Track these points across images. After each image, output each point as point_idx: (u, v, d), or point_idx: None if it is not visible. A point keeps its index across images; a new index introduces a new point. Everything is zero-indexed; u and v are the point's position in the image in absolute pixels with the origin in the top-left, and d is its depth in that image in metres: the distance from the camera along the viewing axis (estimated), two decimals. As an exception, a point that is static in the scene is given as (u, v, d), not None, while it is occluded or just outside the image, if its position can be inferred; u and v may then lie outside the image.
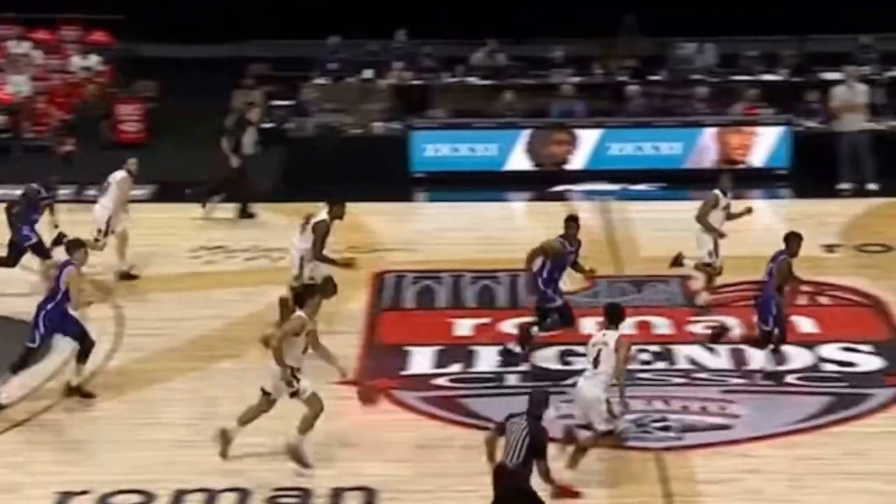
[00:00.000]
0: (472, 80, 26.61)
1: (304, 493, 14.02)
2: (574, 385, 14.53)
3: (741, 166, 24.38)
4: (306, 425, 14.34)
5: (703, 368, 16.82)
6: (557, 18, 27.90)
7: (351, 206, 19.13)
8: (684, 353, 17.16)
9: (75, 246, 16.21)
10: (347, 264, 17.42)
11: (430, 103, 26.06)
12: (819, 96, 25.17)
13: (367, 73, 26.60)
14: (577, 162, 24.69)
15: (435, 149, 24.71)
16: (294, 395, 14.34)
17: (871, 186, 23.46)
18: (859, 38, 26.62)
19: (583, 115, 25.27)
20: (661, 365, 16.92)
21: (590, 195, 23.66)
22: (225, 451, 14.51)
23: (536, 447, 12.75)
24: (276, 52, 27.80)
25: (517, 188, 24.34)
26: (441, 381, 16.61)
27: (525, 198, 24.25)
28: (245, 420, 14.56)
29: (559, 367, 16.89)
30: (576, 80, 26.24)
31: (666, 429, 15.31)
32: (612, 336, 14.21)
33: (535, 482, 12.92)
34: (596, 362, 14.14)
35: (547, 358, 17.13)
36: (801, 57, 26.65)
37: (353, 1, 29.43)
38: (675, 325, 18.05)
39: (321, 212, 17.38)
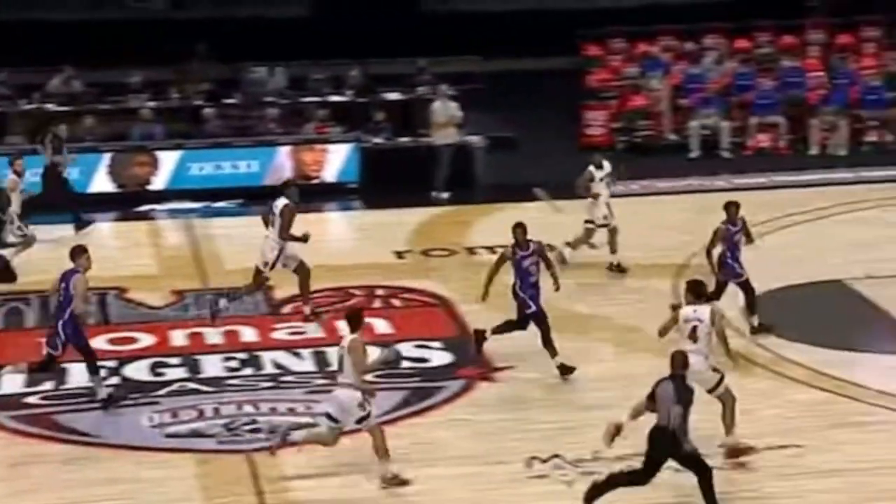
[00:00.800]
0: (49, 106, 25.84)
1: None
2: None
3: (315, 181, 24.71)
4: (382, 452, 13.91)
5: (289, 372, 16.93)
6: (132, 46, 27.55)
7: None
8: (270, 359, 17.23)
9: (78, 252, 15.68)
10: (305, 238, 17.94)
11: (9, 130, 25.21)
12: (384, 115, 25.79)
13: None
14: (159, 182, 24.45)
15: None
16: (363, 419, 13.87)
17: (443, 195, 24.21)
18: (416, 60, 27.36)
19: (162, 138, 25.05)
20: (248, 371, 16.92)
21: (173, 213, 23.50)
22: None
23: (688, 402, 12.92)
24: None
25: (102, 209, 23.80)
26: (33, 400, 16.08)
27: (110, 218, 23.75)
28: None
29: (151, 378, 16.66)
30: (153, 104, 25.94)
31: (256, 431, 15.30)
32: (704, 311, 14.26)
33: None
34: (694, 338, 14.15)
35: (139, 370, 16.90)
36: (364, 78, 27.16)
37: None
38: (261, 333, 18.08)
39: (279, 200, 17.93)
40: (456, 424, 15.44)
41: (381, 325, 18.20)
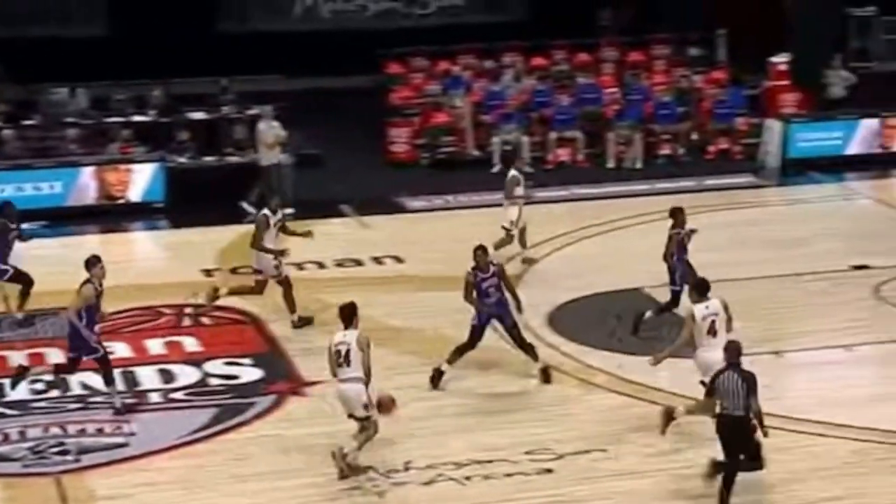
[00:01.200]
0: None
1: None
2: None
3: (120, 202, 24.35)
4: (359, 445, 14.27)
5: (97, 392, 16.60)
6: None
7: None
8: (78, 380, 16.87)
9: (92, 262, 15.90)
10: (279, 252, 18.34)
11: None
12: (188, 134, 25.55)
13: None
14: (-42, 205, 23.76)
15: None
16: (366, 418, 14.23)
17: (248, 207, 24.01)
18: (219, 80, 27.15)
19: (-42, 161, 24.44)
20: (55, 393, 16.56)
21: (-26, 236, 22.83)
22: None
23: (753, 387, 13.31)
24: None
25: None
26: None
27: None
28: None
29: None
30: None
31: (64, 453, 15.04)
32: (716, 305, 14.85)
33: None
34: (713, 332, 14.63)
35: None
36: (167, 98, 26.84)
37: None
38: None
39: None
40: (267, 440, 15.35)
41: (190, 343, 18.03)
